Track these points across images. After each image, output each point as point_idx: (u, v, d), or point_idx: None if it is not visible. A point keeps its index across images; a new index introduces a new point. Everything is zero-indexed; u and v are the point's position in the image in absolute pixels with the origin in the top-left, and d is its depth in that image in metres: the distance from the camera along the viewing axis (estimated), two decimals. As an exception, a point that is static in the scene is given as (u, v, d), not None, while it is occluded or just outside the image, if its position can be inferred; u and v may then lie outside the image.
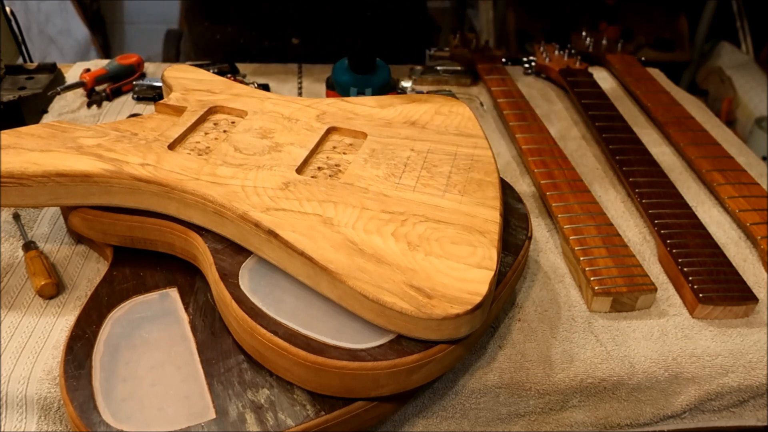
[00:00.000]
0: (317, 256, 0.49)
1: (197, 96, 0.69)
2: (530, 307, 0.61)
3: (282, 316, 0.49)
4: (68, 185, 0.56)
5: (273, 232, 0.51)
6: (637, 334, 0.59)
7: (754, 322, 0.61)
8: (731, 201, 0.73)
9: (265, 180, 0.56)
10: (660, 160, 0.80)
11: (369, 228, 0.52)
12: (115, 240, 0.59)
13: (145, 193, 0.56)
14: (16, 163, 0.55)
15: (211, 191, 0.54)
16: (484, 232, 0.52)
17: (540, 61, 1.04)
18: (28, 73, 0.90)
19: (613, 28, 2.10)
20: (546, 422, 0.56)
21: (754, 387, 0.57)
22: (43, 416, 0.51)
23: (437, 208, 0.55)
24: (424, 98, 0.71)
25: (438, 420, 0.54)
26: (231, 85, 0.72)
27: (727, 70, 2.02)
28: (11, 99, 0.81)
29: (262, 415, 0.46)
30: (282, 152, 0.61)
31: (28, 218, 0.68)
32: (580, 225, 0.67)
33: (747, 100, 1.90)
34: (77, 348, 0.50)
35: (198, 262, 0.57)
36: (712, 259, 0.64)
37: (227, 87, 0.72)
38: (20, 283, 0.61)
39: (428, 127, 0.66)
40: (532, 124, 0.85)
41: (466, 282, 0.47)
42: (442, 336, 0.46)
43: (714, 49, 2.14)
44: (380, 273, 0.48)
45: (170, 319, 0.53)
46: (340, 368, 0.45)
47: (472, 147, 0.63)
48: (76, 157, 0.57)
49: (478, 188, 0.57)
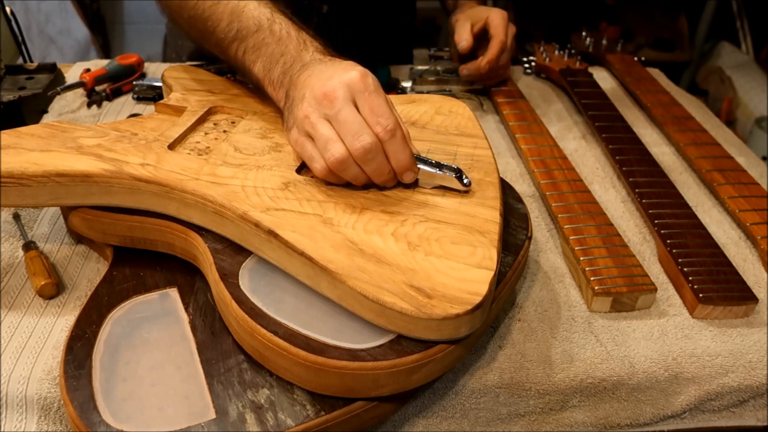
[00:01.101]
0: (317, 256, 0.49)
1: (197, 96, 0.69)
2: (530, 307, 0.61)
3: (282, 316, 0.49)
4: (68, 185, 0.56)
5: (273, 232, 0.51)
6: (637, 334, 0.59)
7: (754, 322, 0.61)
8: (731, 201, 0.73)
9: (265, 180, 0.56)
10: (660, 160, 0.80)
11: (369, 228, 0.52)
12: (115, 240, 0.59)
13: (145, 193, 0.56)
14: (16, 163, 0.55)
15: (211, 191, 0.54)
16: (484, 232, 0.52)
17: (540, 61, 1.04)
18: (28, 73, 0.89)
19: (613, 28, 2.10)
20: (546, 422, 0.56)
21: (754, 387, 0.57)
22: (43, 416, 0.51)
23: (437, 208, 0.55)
24: (424, 98, 0.71)
25: (438, 420, 0.54)
26: (231, 85, 0.72)
27: (727, 70, 2.02)
28: (11, 99, 0.81)
29: (262, 415, 0.46)
30: (282, 152, 0.61)
31: (28, 218, 0.68)
32: (580, 225, 0.67)
33: (747, 100, 1.90)
34: (77, 348, 0.50)
35: (198, 262, 0.57)
36: (712, 259, 0.64)
37: (227, 87, 0.72)
38: (20, 283, 0.61)
39: (428, 127, 0.66)
40: (532, 124, 0.85)
41: (466, 282, 0.47)
42: (442, 336, 0.46)
43: (714, 49, 2.14)
44: (380, 273, 0.48)
45: (170, 319, 0.53)
46: (340, 368, 0.45)
47: (472, 147, 0.63)
48: (76, 157, 0.57)
49: (478, 188, 0.57)
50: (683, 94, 1.00)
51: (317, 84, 0.54)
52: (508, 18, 0.90)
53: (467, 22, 0.91)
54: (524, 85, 1.00)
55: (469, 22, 0.91)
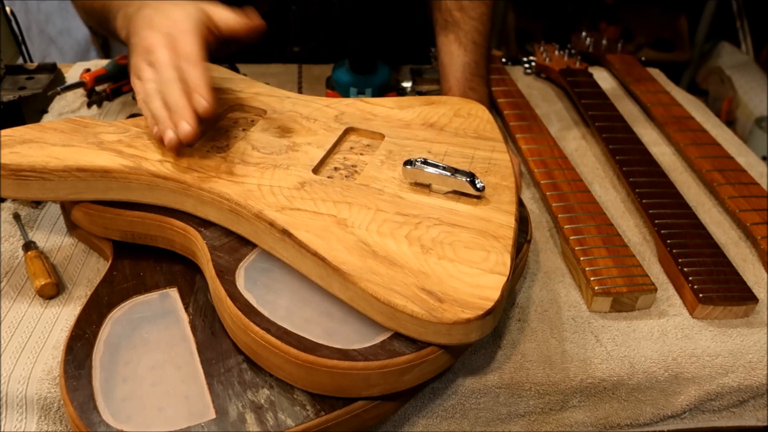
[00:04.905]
0: (330, 257, 0.49)
1: (218, 94, 0.69)
2: (530, 307, 0.61)
3: (276, 315, 0.49)
4: (88, 180, 0.56)
5: (287, 231, 0.51)
6: (637, 334, 0.59)
7: (754, 322, 0.61)
8: (731, 201, 0.73)
9: (281, 179, 0.56)
10: (660, 160, 0.80)
11: (383, 230, 0.52)
12: (117, 235, 0.59)
13: (163, 189, 0.56)
14: (39, 157, 0.56)
15: (227, 189, 0.55)
16: (498, 237, 0.52)
17: (540, 61, 1.04)
18: (28, 73, 0.89)
19: (613, 28, 2.10)
20: (546, 422, 0.56)
21: (754, 387, 0.57)
22: (43, 416, 0.51)
23: (452, 211, 0.54)
24: (444, 100, 0.70)
25: (438, 420, 0.54)
26: (251, 84, 0.72)
27: (727, 70, 2.02)
28: (11, 99, 0.81)
29: (262, 415, 0.46)
30: (299, 152, 0.61)
31: (28, 218, 0.68)
32: (580, 225, 0.67)
33: (747, 100, 1.90)
34: (77, 348, 0.50)
35: (196, 258, 0.57)
36: (712, 259, 0.64)
37: (248, 86, 0.72)
38: (20, 283, 0.61)
39: (446, 130, 0.65)
40: (532, 124, 0.85)
41: (478, 287, 0.47)
42: (451, 340, 0.46)
43: (714, 49, 2.15)
44: (392, 276, 0.48)
45: (170, 319, 0.53)
46: (331, 367, 0.45)
47: (489, 150, 0.63)
48: (96, 153, 0.57)
49: (494, 192, 0.57)
50: (683, 94, 1.00)
51: (143, 33, 0.61)
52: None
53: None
54: (524, 85, 1.00)
55: None
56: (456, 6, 0.82)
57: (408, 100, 0.70)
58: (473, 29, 0.82)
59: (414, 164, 0.56)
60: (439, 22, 0.84)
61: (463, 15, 0.82)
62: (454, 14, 0.83)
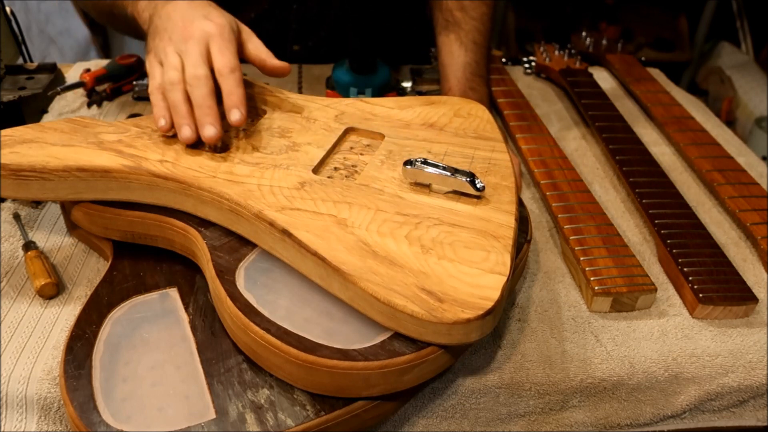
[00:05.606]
0: (330, 257, 0.49)
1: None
2: (530, 307, 0.61)
3: (276, 314, 0.49)
4: (88, 180, 0.56)
5: (287, 231, 0.51)
6: (637, 334, 0.59)
7: (754, 322, 0.61)
8: (731, 201, 0.73)
9: (281, 179, 0.56)
10: (660, 160, 0.80)
11: (383, 230, 0.52)
12: (117, 235, 0.59)
13: (163, 189, 0.56)
14: (39, 157, 0.56)
15: (227, 189, 0.55)
16: (498, 237, 0.52)
17: (540, 61, 1.04)
18: (28, 73, 0.89)
19: (613, 28, 2.10)
20: (546, 422, 0.56)
21: (754, 387, 0.57)
22: (43, 416, 0.51)
23: (452, 211, 0.54)
24: (444, 100, 0.70)
25: (438, 420, 0.54)
26: (250, 84, 0.72)
27: (727, 70, 2.02)
28: (11, 99, 0.81)
29: (262, 415, 0.46)
30: (299, 152, 0.61)
31: (28, 218, 0.68)
32: (580, 225, 0.67)
33: (747, 100, 1.90)
34: (77, 348, 0.50)
35: (197, 258, 0.57)
36: (712, 259, 0.64)
37: (248, 85, 0.72)
38: (20, 283, 0.61)
39: (446, 130, 0.65)
40: (532, 124, 0.85)
41: (478, 287, 0.47)
42: (452, 340, 0.46)
43: (714, 49, 2.15)
44: (392, 276, 0.48)
45: (170, 319, 0.53)
46: (330, 367, 0.45)
47: (489, 150, 0.62)
48: (96, 153, 0.57)
49: (494, 192, 0.57)
50: (683, 94, 1.00)
51: (179, 23, 0.61)
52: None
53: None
54: (524, 85, 1.00)
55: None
56: (457, 6, 0.82)
57: (408, 100, 0.70)
58: (474, 29, 0.82)
59: (414, 164, 0.56)
60: (439, 22, 0.84)
61: (464, 15, 0.82)
62: (455, 14, 0.83)
